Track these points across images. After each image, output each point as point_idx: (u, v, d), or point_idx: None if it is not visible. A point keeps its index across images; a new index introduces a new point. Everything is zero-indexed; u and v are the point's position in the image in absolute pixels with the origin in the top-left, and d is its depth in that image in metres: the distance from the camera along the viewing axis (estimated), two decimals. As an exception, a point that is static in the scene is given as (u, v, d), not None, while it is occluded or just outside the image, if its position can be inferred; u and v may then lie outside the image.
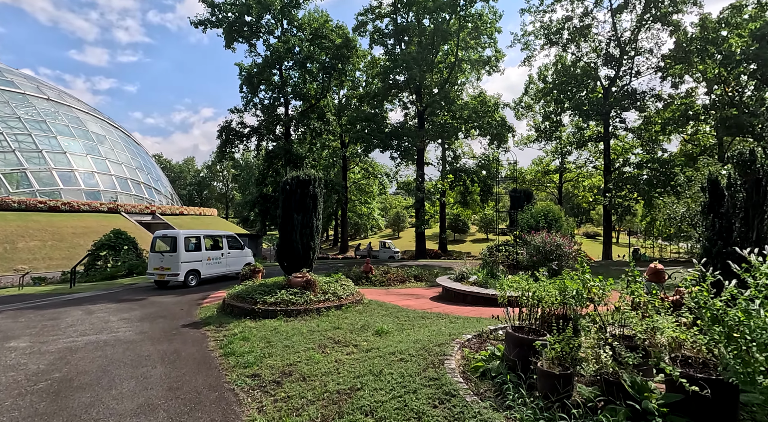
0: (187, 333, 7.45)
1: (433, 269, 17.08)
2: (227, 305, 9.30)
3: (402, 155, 25.19)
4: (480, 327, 6.04)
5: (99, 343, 6.73)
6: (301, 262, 10.11)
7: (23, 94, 41.81)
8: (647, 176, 21.60)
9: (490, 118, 25.55)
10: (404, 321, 7.57)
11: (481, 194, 32.03)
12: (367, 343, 5.98)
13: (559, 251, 10.46)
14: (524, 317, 4.42)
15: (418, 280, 14.83)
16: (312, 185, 10.08)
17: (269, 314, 8.50)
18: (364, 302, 9.92)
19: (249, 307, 8.71)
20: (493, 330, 5.47)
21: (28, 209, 32.68)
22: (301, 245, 9.96)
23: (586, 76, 23.90)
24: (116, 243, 19.40)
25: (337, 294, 9.52)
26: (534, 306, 4.35)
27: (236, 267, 16.35)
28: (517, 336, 3.74)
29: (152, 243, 14.49)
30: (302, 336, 6.60)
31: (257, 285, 10.11)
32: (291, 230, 9.94)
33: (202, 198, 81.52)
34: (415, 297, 11.24)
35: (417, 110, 26.97)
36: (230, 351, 5.86)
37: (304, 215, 9.98)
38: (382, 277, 14.53)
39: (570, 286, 4.21)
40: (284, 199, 10.09)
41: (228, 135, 29.44)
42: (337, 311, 8.87)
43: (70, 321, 8.81)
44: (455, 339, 5.17)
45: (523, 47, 26.38)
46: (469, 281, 10.58)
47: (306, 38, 28.40)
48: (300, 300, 8.87)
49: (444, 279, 11.72)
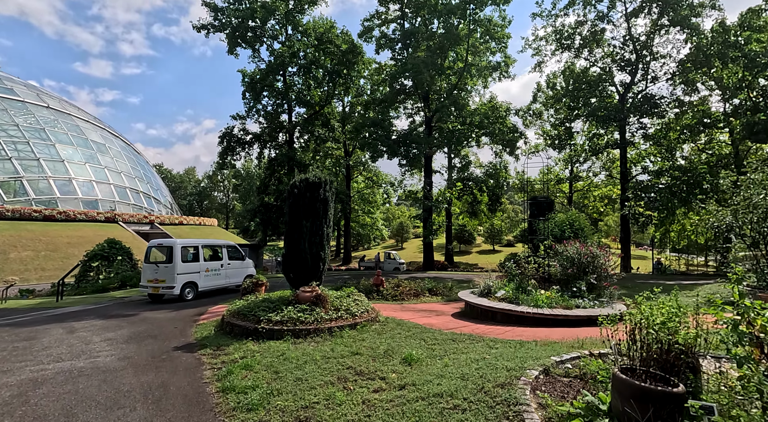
0: (179, 358, 6.34)
1: (446, 282, 15.96)
2: (227, 324, 8.19)
3: (410, 162, 24.25)
4: (535, 355, 4.94)
5: (72, 372, 5.62)
6: (310, 274, 9.03)
7: (23, 102, 41.19)
8: (667, 184, 20.60)
9: (501, 124, 24.69)
10: (433, 345, 6.47)
11: (489, 203, 31.04)
12: (396, 376, 4.88)
13: (597, 264, 9.38)
14: (631, 352, 3.28)
15: (433, 294, 13.70)
16: (322, 188, 9.06)
17: (275, 334, 7.40)
18: (380, 321, 8.81)
19: (251, 326, 7.61)
20: (558, 362, 4.37)
21: (22, 218, 31.66)
22: (310, 256, 8.90)
23: (600, 82, 23.13)
24: (110, 253, 18.32)
25: (351, 311, 8.41)
26: (644, 338, 3.18)
27: (237, 279, 15.24)
28: (639, 386, 2.63)
29: (146, 253, 13.42)
30: (316, 364, 5.50)
31: (260, 300, 9.02)
32: (299, 238, 8.88)
33: (203, 208, 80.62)
34: (435, 314, 10.12)
35: (425, 116, 26.13)
36: (229, 386, 4.76)
37: (313, 221, 8.94)
38: (394, 291, 13.41)
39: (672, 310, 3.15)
40: (291, 204, 9.07)
41: (229, 142, 28.57)
42: (352, 331, 7.76)
43: (47, 341, 7.70)
44: (516, 375, 4.07)
45: (534, 53, 25.72)
46: (496, 297, 9.48)
47: (311, 44, 27.80)
48: (309, 318, 7.77)
49: (466, 294, 10.61)
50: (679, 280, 16.62)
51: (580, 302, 8.70)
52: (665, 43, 22.55)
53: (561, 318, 8.09)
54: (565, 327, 8.03)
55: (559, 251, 10.14)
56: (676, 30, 21.57)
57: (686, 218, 23.22)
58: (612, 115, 21.26)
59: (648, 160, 24.37)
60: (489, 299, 9.37)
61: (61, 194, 36.50)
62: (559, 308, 8.42)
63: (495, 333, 7.57)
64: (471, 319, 9.27)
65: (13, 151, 36.29)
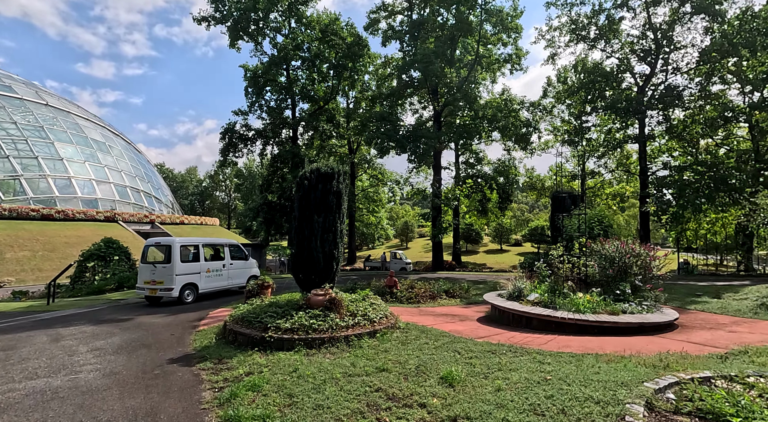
0: (174, 374, 5.42)
1: (461, 283, 14.98)
2: (230, 331, 7.26)
3: (419, 158, 23.25)
4: (614, 378, 3.99)
5: (45, 394, 4.71)
6: (322, 275, 8.11)
7: (21, 99, 40.41)
8: (689, 179, 19.57)
9: (514, 118, 23.69)
10: (470, 359, 5.52)
11: (499, 201, 30.06)
12: (440, 402, 3.94)
13: (641, 264, 8.42)
14: None
15: (451, 296, 12.75)
16: (335, 179, 8.14)
17: (284, 344, 6.48)
18: (401, 327, 7.88)
19: (258, 335, 6.68)
20: (656, 391, 3.41)
21: (20, 217, 30.86)
22: (322, 254, 7.98)
23: (617, 74, 22.06)
24: (106, 253, 17.44)
25: (369, 317, 7.48)
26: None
27: (240, 280, 14.34)
28: None
29: (143, 253, 12.52)
30: (337, 384, 4.56)
31: (267, 305, 8.10)
32: (310, 235, 7.96)
33: (204, 208, 79.89)
34: (458, 319, 9.18)
35: (434, 110, 25.10)
36: (234, 415, 3.83)
37: (326, 216, 8.02)
38: (409, 293, 12.47)
39: None
40: (301, 197, 8.15)
41: (231, 138, 27.65)
42: (371, 340, 6.83)
43: (27, 352, 6.80)
44: (615, 411, 3.09)
45: (548, 44, 24.68)
46: (528, 301, 8.53)
47: (315, 37, 26.86)
48: (323, 325, 6.84)
49: (492, 297, 9.65)
50: (711, 281, 15.63)
51: (626, 306, 7.74)
52: (687, 31, 21.56)
53: (608, 325, 7.14)
54: (613, 335, 7.08)
55: (595, 250, 9.17)
56: (699, 18, 20.54)
57: (705, 216, 22.14)
58: (633, 107, 20.20)
59: (668, 155, 23.28)
60: (521, 304, 8.42)
61: (60, 193, 35.74)
62: (604, 313, 7.46)
63: (536, 342, 6.61)
64: (501, 325, 8.33)
65: (12, 149, 35.49)
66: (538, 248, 43.30)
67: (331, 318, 7.10)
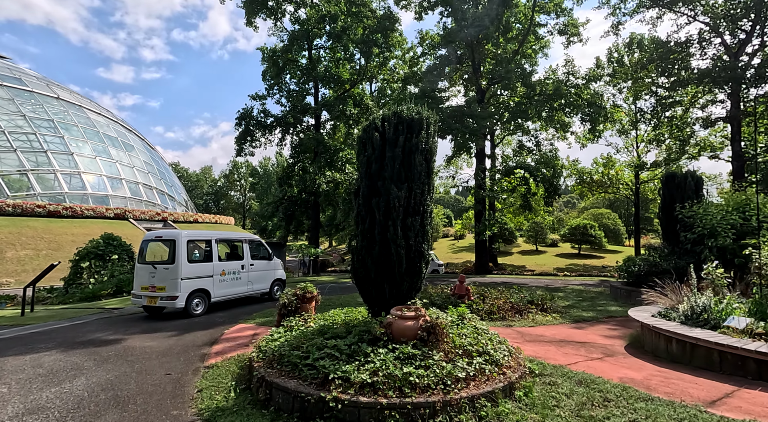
0: None
1: (533, 291, 11.76)
2: (259, 381, 4.25)
3: (466, 140, 19.94)
4: None
5: None
6: (404, 283, 5.06)
7: (30, 92, 38.77)
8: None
9: (581, 93, 20.23)
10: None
11: (545, 196, 26.62)
12: None
13: None
14: None
15: (542, 310, 9.52)
16: (425, 129, 5.08)
17: (362, 415, 3.47)
18: (535, 372, 4.79)
19: (313, 394, 3.68)
20: None
21: (24, 213, 28.76)
22: (405, 250, 4.93)
23: (702, 41, 18.48)
24: (105, 251, 14.79)
25: (493, 358, 4.39)
26: None
27: (262, 285, 11.45)
28: None
29: (140, 250, 9.69)
30: None
31: (316, 330, 5.09)
32: (385, 218, 4.92)
33: (219, 208, 78.10)
34: (596, 351, 6.04)
35: (477, 88, 21.79)
36: None
37: (410, 188, 4.97)
38: (484, 304, 9.33)
39: None
40: (369, 159, 5.11)
41: (248, 125, 24.89)
42: (509, 402, 3.80)
43: None
44: None
45: (611, 12, 21.15)
46: (730, 328, 5.31)
47: (341, 10, 23.94)
48: (428, 377, 3.80)
49: (647, 317, 6.46)
50: None
51: None
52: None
53: None
54: None
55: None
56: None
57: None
58: (735, 75, 16.62)
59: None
60: (728, 335, 5.21)
61: (69, 189, 33.75)
62: None
63: None
64: (674, 365, 5.20)
65: (19, 142, 33.66)
66: (579, 249, 39.58)
67: (435, 360, 4.05)
